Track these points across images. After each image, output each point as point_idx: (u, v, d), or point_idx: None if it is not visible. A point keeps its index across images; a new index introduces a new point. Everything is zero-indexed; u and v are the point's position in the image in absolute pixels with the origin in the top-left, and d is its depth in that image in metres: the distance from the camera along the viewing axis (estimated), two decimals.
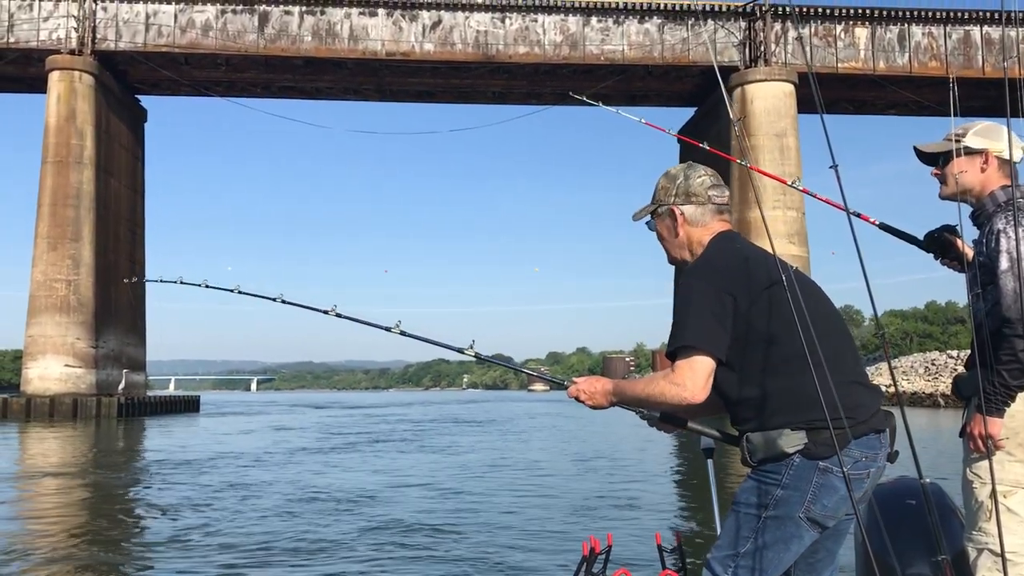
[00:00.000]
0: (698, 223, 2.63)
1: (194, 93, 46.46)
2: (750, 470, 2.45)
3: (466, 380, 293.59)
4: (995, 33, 41.40)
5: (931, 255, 3.34)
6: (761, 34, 40.96)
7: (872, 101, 45.96)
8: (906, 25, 41.82)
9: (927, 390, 48.41)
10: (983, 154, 3.06)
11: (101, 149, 40.27)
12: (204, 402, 55.01)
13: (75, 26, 39.48)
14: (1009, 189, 3.02)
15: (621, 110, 4.44)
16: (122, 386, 41.03)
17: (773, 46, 40.86)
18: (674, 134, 4.49)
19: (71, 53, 39.36)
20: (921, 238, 3.35)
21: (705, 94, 44.17)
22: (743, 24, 41.54)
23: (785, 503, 2.35)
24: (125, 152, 44.03)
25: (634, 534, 7.78)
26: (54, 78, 38.92)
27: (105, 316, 40.28)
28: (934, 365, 53.41)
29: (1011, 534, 2.80)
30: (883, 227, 3.43)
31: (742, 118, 38.69)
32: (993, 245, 2.91)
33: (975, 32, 41.79)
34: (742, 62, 41.22)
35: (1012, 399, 2.88)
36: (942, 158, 3.15)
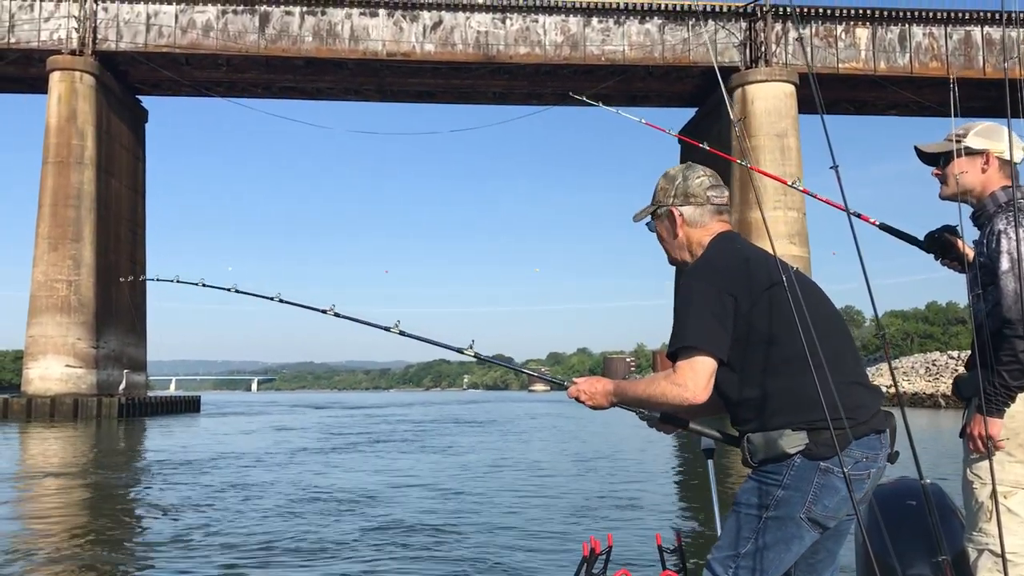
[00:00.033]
0: (697, 224, 2.62)
1: (195, 93, 46.46)
2: (751, 471, 2.45)
3: (467, 381, 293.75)
4: (996, 33, 41.38)
5: (932, 256, 3.34)
6: (762, 34, 40.95)
7: (873, 101, 45.93)
8: (907, 25, 41.80)
9: (928, 391, 48.38)
10: (984, 155, 3.06)
11: (102, 149, 40.28)
12: (205, 402, 55.02)
13: (76, 26, 39.49)
14: (1010, 190, 3.02)
15: (622, 110, 4.44)
16: (123, 386, 41.04)
17: (774, 46, 40.85)
18: (675, 134, 4.49)
19: (72, 53, 39.36)
20: (922, 239, 3.35)
21: (706, 94, 44.16)
22: (744, 24, 41.53)
23: (786, 504, 2.35)
24: (126, 152, 44.04)
25: (635, 534, 7.79)
26: (55, 78, 38.93)
27: (106, 316, 40.29)
28: (935, 366, 53.41)
29: (1011, 535, 2.80)
30: (883, 227, 3.43)
31: (743, 118, 38.70)
32: (994, 246, 2.91)
33: (976, 32, 41.77)
34: (743, 62, 41.22)
35: (1012, 400, 2.88)
36: (943, 158, 3.15)
